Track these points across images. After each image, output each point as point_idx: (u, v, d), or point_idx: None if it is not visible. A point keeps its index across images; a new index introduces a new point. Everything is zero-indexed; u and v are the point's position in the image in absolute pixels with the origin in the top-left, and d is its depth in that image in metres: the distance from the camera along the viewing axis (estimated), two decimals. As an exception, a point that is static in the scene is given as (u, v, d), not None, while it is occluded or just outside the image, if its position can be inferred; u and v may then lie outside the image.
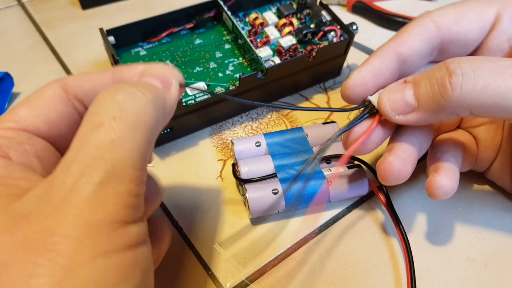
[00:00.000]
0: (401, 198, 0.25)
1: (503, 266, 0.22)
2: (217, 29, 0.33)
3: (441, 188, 0.20)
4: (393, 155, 0.20)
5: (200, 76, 0.30)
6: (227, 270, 0.22)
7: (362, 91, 0.20)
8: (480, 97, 0.16)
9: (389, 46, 0.20)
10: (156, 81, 0.16)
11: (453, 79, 0.16)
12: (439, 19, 0.20)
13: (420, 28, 0.20)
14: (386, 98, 0.19)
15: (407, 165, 0.19)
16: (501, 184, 0.24)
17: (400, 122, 0.19)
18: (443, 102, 0.17)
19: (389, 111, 0.19)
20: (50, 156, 0.16)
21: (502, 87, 0.16)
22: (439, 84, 0.17)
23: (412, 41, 0.20)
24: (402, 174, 0.19)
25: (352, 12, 0.42)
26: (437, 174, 0.20)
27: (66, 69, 0.35)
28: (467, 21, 0.20)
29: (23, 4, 0.43)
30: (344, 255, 0.23)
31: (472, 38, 0.20)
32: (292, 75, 0.30)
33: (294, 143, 0.25)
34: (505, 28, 0.20)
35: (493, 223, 0.24)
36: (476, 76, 0.16)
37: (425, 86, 0.18)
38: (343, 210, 0.25)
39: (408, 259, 0.21)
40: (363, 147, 0.20)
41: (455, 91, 0.16)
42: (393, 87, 0.19)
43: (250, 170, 0.24)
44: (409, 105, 0.18)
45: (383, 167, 0.20)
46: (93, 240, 0.12)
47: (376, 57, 0.20)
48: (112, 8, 0.42)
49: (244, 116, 0.30)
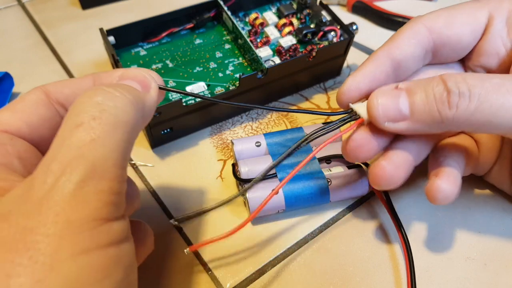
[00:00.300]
0: (401, 198, 0.25)
1: (503, 266, 0.22)
2: (217, 29, 0.33)
3: (441, 192, 0.19)
4: (386, 159, 0.19)
5: (200, 76, 0.30)
6: (227, 270, 0.22)
7: (357, 97, 0.20)
8: (473, 116, 0.17)
9: (383, 51, 0.20)
10: (135, 83, 0.16)
11: (451, 97, 0.17)
12: (430, 23, 0.20)
13: (412, 32, 0.20)
14: (380, 102, 0.18)
15: (399, 171, 0.19)
16: (501, 187, 0.24)
17: (388, 129, 0.18)
18: (439, 118, 0.17)
19: (380, 116, 0.18)
20: (32, 157, 0.16)
21: (495, 106, 0.16)
22: (437, 100, 0.17)
23: (405, 45, 0.20)
24: (394, 179, 0.19)
25: (352, 12, 0.42)
26: (438, 178, 0.20)
27: (66, 69, 0.35)
28: (458, 24, 0.20)
29: (23, 4, 0.43)
30: (344, 255, 0.23)
31: (465, 41, 0.20)
32: (292, 75, 0.30)
33: (294, 143, 0.25)
34: (498, 31, 0.20)
35: (493, 223, 0.24)
36: (471, 96, 0.16)
37: (421, 99, 0.17)
38: (343, 210, 0.25)
39: (408, 259, 0.21)
40: (351, 153, 0.20)
41: (452, 110, 0.17)
42: (385, 91, 0.19)
43: (250, 170, 0.24)
44: (401, 113, 0.18)
45: (375, 171, 0.19)
46: (74, 238, 0.12)
47: (370, 62, 0.20)
48: (112, 8, 0.42)
49: (244, 116, 0.30)
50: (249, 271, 0.22)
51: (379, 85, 0.20)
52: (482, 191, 0.25)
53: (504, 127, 0.17)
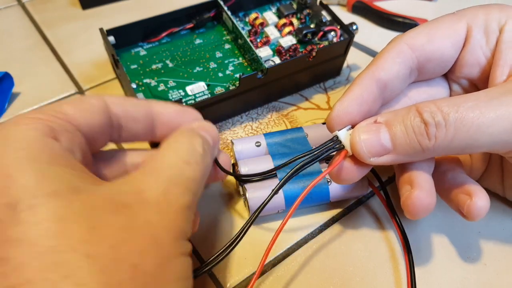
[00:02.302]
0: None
1: (503, 266, 0.22)
2: (217, 29, 0.34)
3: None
4: (417, 188, 0.19)
5: (200, 76, 0.30)
6: (227, 270, 0.22)
7: (347, 121, 0.19)
8: (452, 143, 0.17)
9: (367, 73, 0.20)
10: (210, 138, 0.20)
11: (428, 129, 0.17)
12: (411, 40, 0.20)
13: (394, 52, 0.20)
14: (362, 139, 0.18)
15: (433, 195, 0.19)
16: (495, 191, 0.24)
17: (373, 163, 0.19)
18: (420, 149, 0.18)
19: (365, 153, 0.18)
20: (86, 151, 0.17)
21: (472, 130, 0.16)
22: (416, 133, 0.17)
23: (389, 65, 0.20)
24: (430, 207, 0.19)
25: (352, 12, 0.42)
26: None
27: (66, 69, 0.35)
28: (439, 39, 0.20)
29: (23, 4, 0.43)
30: (344, 255, 0.23)
31: (447, 54, 0.21)
32: (292, 75, 0.30)
33: (294, 143, 0.25)
34: (477, 41, 0.20)
35: (493, 223, 0.24)
36: (448, 124, 0.17)
37: (401, 131, 0.18)
38: (343, 210, 0.25)
39: (408, 259, 0.21)
40: (339, 178, 0.20)
41: (431, 141, 0.17)
42: (365, 127, 0.19)
43: (250, 170, 0.24)
44: (384, 148, 0.18)
45: (411, 202, 0.19)
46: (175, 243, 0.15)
47: (356, 85, 0.20)
48: (112, 8, 0.42)
49: (244, 116, 0.30)
50: (249, 271, 0.22)
51: (367, 107, 0.20)
52: (482, 191, 0.25)
53: (485, 146, 0.17)
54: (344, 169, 0.20)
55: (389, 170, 0.27)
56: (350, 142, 0.19)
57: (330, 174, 0.20)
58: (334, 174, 0.20)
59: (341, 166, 0.20)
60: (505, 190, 0.23)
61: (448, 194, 0.21)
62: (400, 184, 0.20)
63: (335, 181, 0.20)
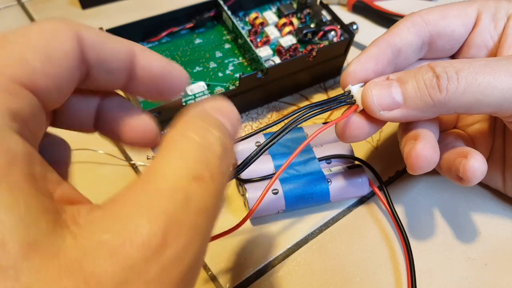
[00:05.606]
0: (401, 198, 0.25)
1: (503, 266, 0.22)
2: (217, 29, 0.33)
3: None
4: (422, 141, 0.19)
5: (200, 76, 0.30)
6: (227, 270, 0.22)
7: (362, 77, 0.20)
8: (463, 96, 0.18)
9: (383, 38, 0.21)
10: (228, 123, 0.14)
11: (440, 82, 0.18)
12: (426, 15, 0.21)
13: (410, 23, 0.21)
14: (374, 93, 0.19)
15: (437, 151, 0.19)
16: (494, 185, 0.24)
17: (383, 118, 0.19)
18: (431, 103, 0.18)
19: (376, 106, 0.19)
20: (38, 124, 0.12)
21: (483, 85, 0.17)
22: (427, 86, 0.18)
23: (404, 33, 0.21)
24: (433, 160, 0.19)
25: (352, 11, 0.42)
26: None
27: (66, 69, 0.35)
28: (451, 17, 0.21)
29: (23, 4, 0.43)
30: (344, 255, 0.23)
31: (458, 33, 0.22)
32: (292, 75, 0.30)
33: (294, 143, 0.25)
34: (486, 25, 0.21)
35: (493, 223, 0.24)
36: (459, 78, 0.17)
37: (413, 86, 0.18)
38: (343, 210, 0.25)
39: (409, 259, 0.21)
40: (346, 133, 0.20)
41: (442, 93, 0.18)
42: (378, 82, 0.19)
43: (250, 170, 0.24)
44: (395, 102, 0.19)
45: (415, 153, 0.19)
46: None
47: (373, 46, 0.21)
48: (112, 8, 0.42)
49: (244, 116, 0.30)
50: (249, 271, 0.22)
51: (382, 67, 0.20)
52: (482, 192, 0.25)
53: (493, 105, 0.18)
54: (352, 123, 0.20)
55: (389, 170, 0.27)
56: (362, 95, 0.19)
57: (337, 130, 0.21)
58: (341, 129, 0.20)
59: (350, 120, 0.20)
60: (505, 182, 0.23)
61: (446, 161, 0.21)
62: (404, 142, 0.20)
63: (341, 137, 0.21)
